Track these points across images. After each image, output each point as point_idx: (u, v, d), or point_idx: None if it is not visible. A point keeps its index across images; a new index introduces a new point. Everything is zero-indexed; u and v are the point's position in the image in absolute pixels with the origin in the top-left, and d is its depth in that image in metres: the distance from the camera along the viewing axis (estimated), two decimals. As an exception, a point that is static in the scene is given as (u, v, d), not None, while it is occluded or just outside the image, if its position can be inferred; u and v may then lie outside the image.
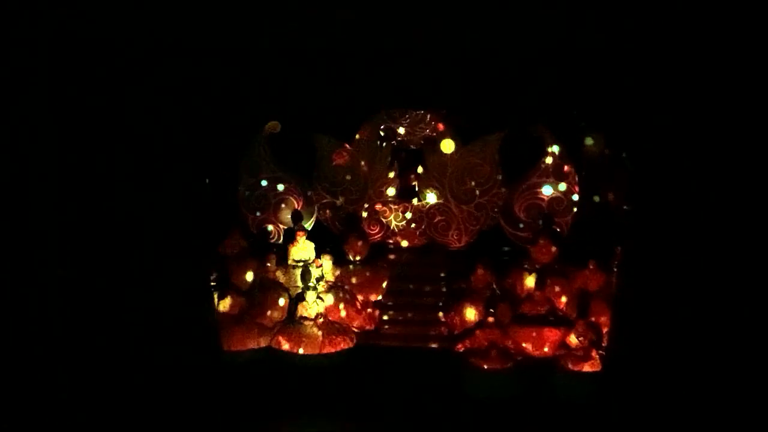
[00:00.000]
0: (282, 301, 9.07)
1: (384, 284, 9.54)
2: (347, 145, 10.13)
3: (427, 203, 10.10)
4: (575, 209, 9.78)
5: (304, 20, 6.89)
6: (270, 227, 10.30)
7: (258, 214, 10.29)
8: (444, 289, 9.56)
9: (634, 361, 7.02)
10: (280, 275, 9.40)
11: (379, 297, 9.51)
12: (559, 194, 9.77)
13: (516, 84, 8.68)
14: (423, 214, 10.15)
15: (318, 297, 8.78)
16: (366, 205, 10.21)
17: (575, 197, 9.78)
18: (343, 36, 7.13)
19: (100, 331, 7.00)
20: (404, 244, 10.21)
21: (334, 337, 8.50)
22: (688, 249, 6.77)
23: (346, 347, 8.53)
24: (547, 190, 9.75)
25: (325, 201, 10.24)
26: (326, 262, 9.37)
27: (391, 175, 10.20)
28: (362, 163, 10.15)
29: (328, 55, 7.70)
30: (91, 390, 6.88)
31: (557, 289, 8.85)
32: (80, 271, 6.93)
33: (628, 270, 7.52)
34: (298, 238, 9.66)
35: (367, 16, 6.89)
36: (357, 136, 10.16)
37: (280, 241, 10.10)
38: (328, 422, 7.55)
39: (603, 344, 8.06)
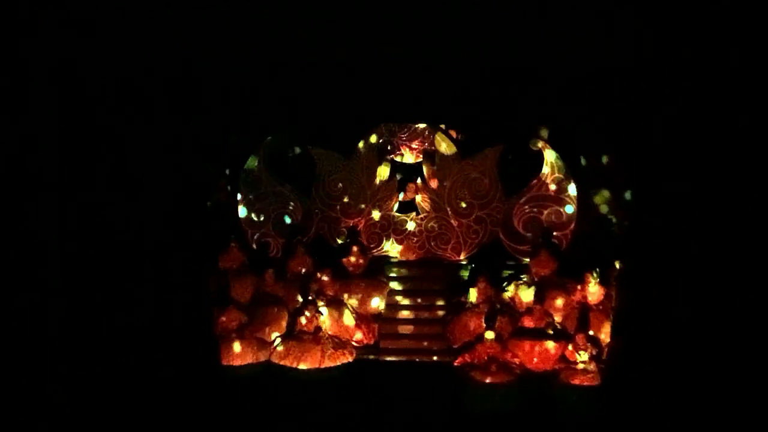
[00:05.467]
0: (281, 316, 9.06)
1: (383, 298, 9.53)
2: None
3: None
4: (574, 223, 9.78)
5: (304, 34, 6.92)
6: (269, 241, 10.29)
7: (257, 228, 10.28)
8: (443, 303, 9.56)
9: (634, 374, 7.02)
10: (279, 289, 9.38)
11: (379, 311, 9.49)
12: (558, 208, 9.78)
13: (514, 97, 8.71)
14: (422, 228, 10.15)
15: (317, 311, 8.77)
16: (365, 219, 10.21)
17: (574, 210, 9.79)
18: (342, 50, 7.16)
19: (99, 345, 6.99)
20: (403, 258, 10.20)
21: (333, 351, 8.49)
22: (687, 262, 6.78)
23: (346, 361, 8.52)
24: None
25: (324, 215, 10.24)
26: (325, 276, 9.37)
27: (390, 188, 10.21)
28: (361, 176, 10.16)
29: (327, 68, 7.72)
30: (89, 404, 6.86)
31: (556, 302, 8.84)
32: (79, 285, 6.93)
33: (628, 283, 7.53)
34: (297, 252, 9.67)
35: (367, 30, 6.93)
36: (356, 150, 10.17)
37: (279, 255, 10.08)
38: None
39: (603, 357, 8.05)
